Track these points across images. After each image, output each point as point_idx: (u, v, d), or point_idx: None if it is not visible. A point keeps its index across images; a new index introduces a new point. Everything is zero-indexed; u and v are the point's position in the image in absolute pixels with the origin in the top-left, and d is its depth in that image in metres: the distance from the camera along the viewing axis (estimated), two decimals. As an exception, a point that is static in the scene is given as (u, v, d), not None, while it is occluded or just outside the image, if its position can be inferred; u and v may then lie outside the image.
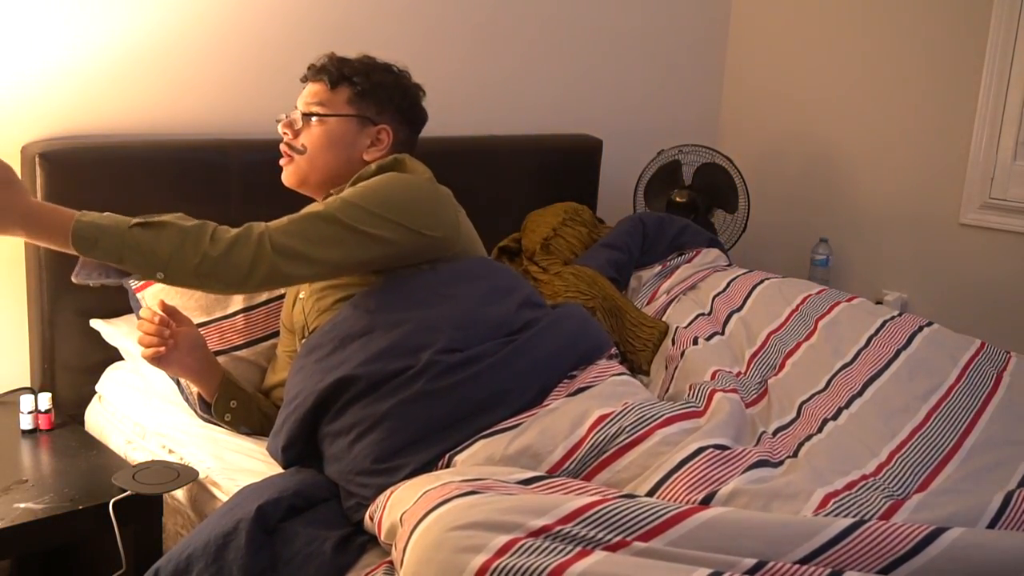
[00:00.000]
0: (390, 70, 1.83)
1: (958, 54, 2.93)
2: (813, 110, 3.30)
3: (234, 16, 2.26)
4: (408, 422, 1.45)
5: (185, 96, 2.22)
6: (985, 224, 2.93)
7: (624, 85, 3.19)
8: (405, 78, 1.85)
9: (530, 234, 2.57)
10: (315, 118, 1.76)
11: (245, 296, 1.90)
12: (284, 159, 1.78)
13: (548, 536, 1.10)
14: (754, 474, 1.34)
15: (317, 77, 1.79)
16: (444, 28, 2.67)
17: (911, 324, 2.06)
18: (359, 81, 1.77)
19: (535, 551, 1.07)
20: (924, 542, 1.08)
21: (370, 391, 1.48)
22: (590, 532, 1.11)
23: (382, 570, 1.31)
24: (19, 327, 2.06)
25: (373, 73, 1.79)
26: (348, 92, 1.77)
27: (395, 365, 1.49)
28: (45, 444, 1.84)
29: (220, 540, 1.34)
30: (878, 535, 1.10)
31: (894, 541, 1.09)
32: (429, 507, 1.17)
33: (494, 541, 1.08)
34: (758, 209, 3.09)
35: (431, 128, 2.40)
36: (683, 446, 1.39)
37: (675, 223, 2.61)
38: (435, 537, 1.12)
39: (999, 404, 1.81)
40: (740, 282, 2.29)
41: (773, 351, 2.01)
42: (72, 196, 1.95)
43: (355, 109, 1.77)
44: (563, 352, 1.60)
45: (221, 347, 1.86)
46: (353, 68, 1.78)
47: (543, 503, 1.16)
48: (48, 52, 2.00)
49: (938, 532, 1.09)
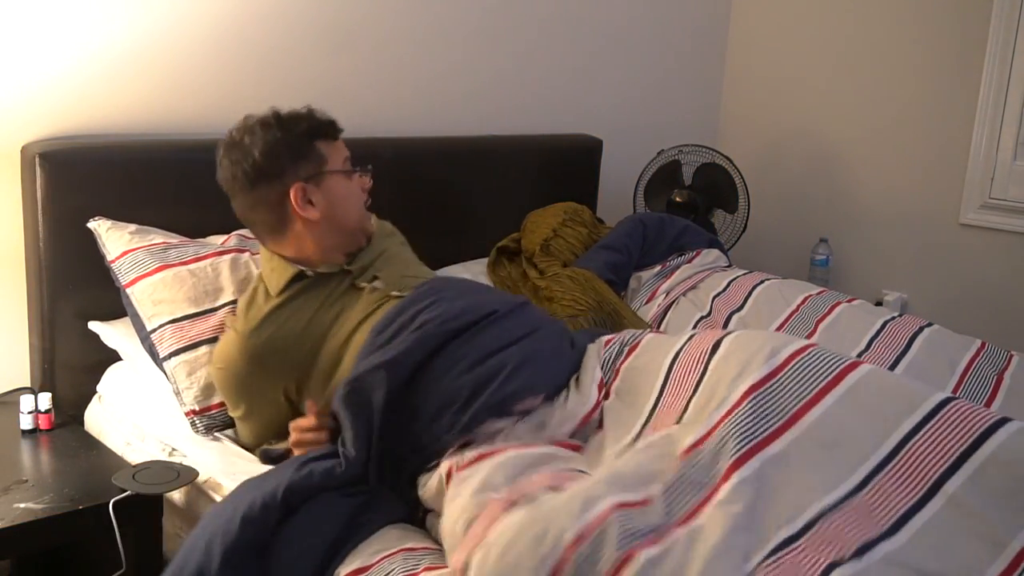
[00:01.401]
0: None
1: (958, 54, 2.93)
2: (813, 110, 3.30)
3: (234, 16, 2.26)
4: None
5: (185, 96, 2.22)
6: (985, 224, 2.93)
7: (624, 85, 3.19)
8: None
9: (530, 235, 2.57)
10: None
11: (235, 289, 1.91)
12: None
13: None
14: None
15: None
16: (444, 28, 2.67)
17: (911, 325, 2.06)
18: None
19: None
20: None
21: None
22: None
23: (400, 556, 1.32)
24: (19, 327, 2.06)
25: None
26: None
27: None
28: (45, 444, 1.84)
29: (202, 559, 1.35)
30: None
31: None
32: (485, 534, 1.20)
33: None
34: (758, 209, 3.09)
35: (432, 128, 2.41)
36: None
37: (676, 224, 2.60)
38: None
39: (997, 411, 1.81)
40: (740, 283, 2.29)
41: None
42: (72, 196, 1.96)
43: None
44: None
45: (211, 335, 1.84)
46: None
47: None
48: (48, 52, 2.00)
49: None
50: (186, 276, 1.88)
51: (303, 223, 1.74)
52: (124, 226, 1.95)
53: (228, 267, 1.93)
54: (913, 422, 1.26)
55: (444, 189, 2.61)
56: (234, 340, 1.72)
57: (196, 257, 1.93)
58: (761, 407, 1.30)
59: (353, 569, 1.33)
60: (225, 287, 1.90)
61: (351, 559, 1.35)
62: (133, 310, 1.88)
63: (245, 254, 1.98)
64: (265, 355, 1.69)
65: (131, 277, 1.88)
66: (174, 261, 1.90)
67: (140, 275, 1.88)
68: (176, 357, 1.81)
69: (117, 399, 1.97)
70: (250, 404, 1.73)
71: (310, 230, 1.75)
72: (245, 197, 1.74)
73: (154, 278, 1.87)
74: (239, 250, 1.99)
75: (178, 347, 1.82)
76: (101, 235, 1.94)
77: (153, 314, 1.85)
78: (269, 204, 1.73)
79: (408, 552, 1.34)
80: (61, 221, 1.95)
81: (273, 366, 1.70)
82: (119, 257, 1.91)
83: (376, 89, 2.54)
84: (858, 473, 1.23)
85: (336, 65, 2.45)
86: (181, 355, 1.81)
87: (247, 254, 1.98)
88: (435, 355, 1.53)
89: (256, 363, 1.70)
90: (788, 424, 1.28)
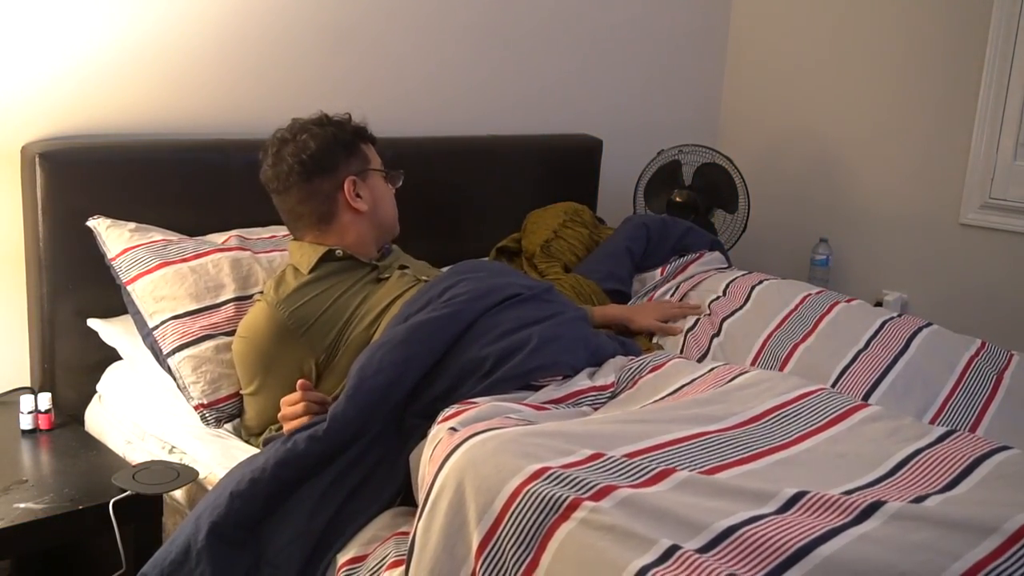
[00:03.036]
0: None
1: (958, 54, 2.93)
2: (813, 110, 3.30)
3: (234, 16, 2.26)
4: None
5: (185, 96, 2.22)
6: (985, 224, 2.93)
7: (624, 85, 3.19)
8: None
9: (530, 235, 2.57)
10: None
11: (237, 286, 1.92)
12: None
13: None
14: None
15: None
16: (443, 28, 2.67)
17: (910, 325, 2.05)
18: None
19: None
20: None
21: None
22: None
23: (393, 542, 1.34)
24: (19, 327, 2.06)
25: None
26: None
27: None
28: (45, 444, 1.84)
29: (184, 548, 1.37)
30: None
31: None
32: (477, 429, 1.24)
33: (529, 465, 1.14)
34: (758, 209, 3.09)
35: (431, 128, 2.41)
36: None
37: (678, 226, 2.59)
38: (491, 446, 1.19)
39: (995, 413, 1.81)
40: (739, 283, 2.28)
41: (770, 357, 2.00)
42: (72, 196, 1.96)
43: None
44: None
45: (210, 331, 1.85)
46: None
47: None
48: (48, 52, 2.00)
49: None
50: (187, 273, 1.89)
51: (351, 214, 1.86)
52: (123, 224, 1.96)
53: (229, 264, 1.94)
54: (920, 444, 1.31)
55: (444, 189, 2.61)
56: (262, 309, 1.77)
57: (196, 254, 1.93)
58: (773, 427, 1.35)
59: (349, 558, 1.35)
60: (226, 284, 1.91)
61: (347, 549, 1.37)
62: (135, 307, 1.89)
63: (246, 253, 1.98)
64: (290, 326, 1.73)
65: (132, 275, 1.89)
66: (174, 258, 1.91)
67: (141, 272, 1.88)
68: (180, 352, 1.81)
69: (117, 398, 1.98)
70: (264, 377, 1.75)
71: (356, 221, 1.87)
72: (300, 189, 1.83)
73: (155, 275, 1.87)
74: (240, 248, 1.99)
75: (182, 343, 1.82)
76: (101, 233, 1.94)
77: (155, 311, 1.86)
78: (322, 195, 1.84)
79: (400, 537, 1.36)
80: (61, 221, 1.95)
81: (295, 338, 1.73)
82: (119, 255, 1.91)
83: (376, 89, 2.54)
84: (865, 479, 1.23)
85: (336, 65, 2.46)
86: (185, 350, 1.82)
87: (248, 253, 1.99)
88: (465, 330, 1.60)
89: (279, 333, 1.73)
90: (797, 441, 1.33)
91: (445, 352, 1.57)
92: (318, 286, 1.78)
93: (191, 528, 1.38)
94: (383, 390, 1.49)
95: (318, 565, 1.38)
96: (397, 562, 1.29)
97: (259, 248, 2.03)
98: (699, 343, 2.12)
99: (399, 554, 1.30)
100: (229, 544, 1.37)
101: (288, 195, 1.85)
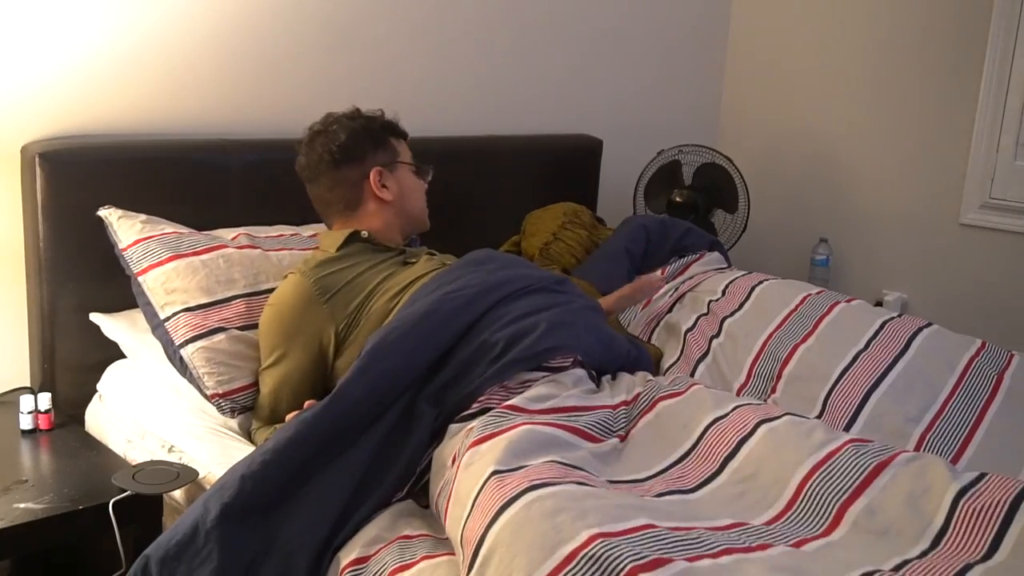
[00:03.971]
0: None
1: (958, 54, 2.93)
2: (813, 110, 3.30)
3: (234, 16, 2.26)
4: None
5: (185, 96, 2.22)
6: (985, 224, 2.93)
7: (624, 85, 3.19)
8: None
9: (530, 238, 2.57)
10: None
11: (246, 282, 1.93)
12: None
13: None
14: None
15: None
16: (443, 27, 2.67)
17: (910, 325, 2.05)
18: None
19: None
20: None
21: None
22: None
23: (396, 546, 1.33)
24: (19, 327, 2.06)
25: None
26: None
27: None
28: (45, 444, 1.84)
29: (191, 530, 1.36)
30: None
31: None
32: (517, 492, 1.22)
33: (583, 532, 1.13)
34: (758, 209, 3.09)
35: (432, 128, 2.41)
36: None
37: (678, 226, 2.60)
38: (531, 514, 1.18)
39: (996, 413, 1.81)
40: (738, 284, 2.28)
41: (770, 358, 2.00)
42: (72, 196, 1.96)
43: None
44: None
45: (221, 324, 1.86)
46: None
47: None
48: (48, 52, 2.00)
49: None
50: (198, 266, 1.90)
51: (376, 203, 1.94)
52: (135, 215, 1.97)
53: (239, 260, 1.95)
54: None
55: (444, 189, 2.60)
56: (291, 280, 1.83)
57: (207, 248, 1.94)
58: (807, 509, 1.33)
59: (352, 559, 1.34)
60: (236, 279, 1.92)
61: (351, 546, 1.36)
62: (145, 298, 1.89)
63: (256, 250, 1.99)
64: (314, 293, 1.79)
65: (143, 266, 1.89)
66: (186, 251, 1.92)
67: (152, 264, 1.89)
68: (193, 344, 1.82)
69: (117, 397, 1.98)
70: (287, 346, 1.78)
71: (381, 209, 1.95)
72: (329, 176, 1.93)
73: (167, 267, 1.88)
74: (251, 246, 2.00)
75: (195, 334, 1.83)
76: (112, 223, 1.95)
77: (167, 303, 1.87)
78: (350, 182, 1.93)
79: (404, 540, 1.35)
80: (61, 221, 1.95)
81: (319, 305, 1.77)
82: (131, 245, 1.92)
83: (375, 89, 2.54)
84: (913, 551, 1.23)
85: (335, 65, 2.46)
86: (199, 341, 1.83)
87: (258, 251, 2.00)
88: (476, 320, 1.65)
89: (305, 299, 1.78)
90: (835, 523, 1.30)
91: (456, 340, 1.60)
92: (344, 260, 1.85)
93: (199, 510, 1.37)
94: (391, 376, 1.52)
95: (325, 553, 1.38)
96: (398, 568, 1.29)
97: (268, 246, 2.04)
98: (699, 343, 2.12)
99: (401, 560, 1.30)
100: (240, 525, 1.37)
101: (318, 183, 1.94)
